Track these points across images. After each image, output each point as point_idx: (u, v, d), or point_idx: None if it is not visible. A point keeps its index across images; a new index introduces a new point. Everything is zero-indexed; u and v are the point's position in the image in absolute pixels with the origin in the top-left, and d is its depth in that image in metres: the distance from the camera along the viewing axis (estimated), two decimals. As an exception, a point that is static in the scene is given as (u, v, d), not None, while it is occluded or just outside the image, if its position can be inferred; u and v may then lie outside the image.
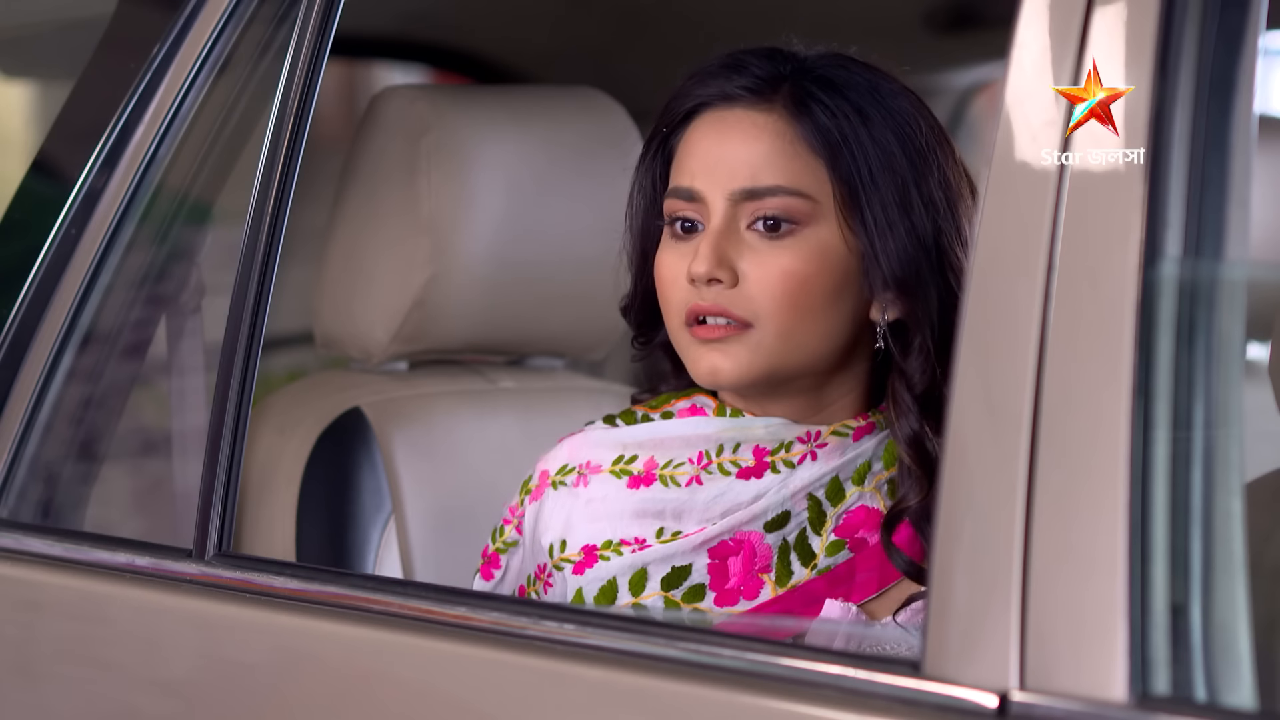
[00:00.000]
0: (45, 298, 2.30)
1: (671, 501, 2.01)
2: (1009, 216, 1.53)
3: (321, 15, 2.12)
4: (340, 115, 4.12)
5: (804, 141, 1.94)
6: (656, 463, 2.02)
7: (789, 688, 1.59)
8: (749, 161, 1.94)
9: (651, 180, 2.04)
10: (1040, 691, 1.46)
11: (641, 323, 2.08)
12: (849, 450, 2.00)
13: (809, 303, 1.93)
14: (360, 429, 2.44)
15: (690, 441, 2.02)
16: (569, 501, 2.05)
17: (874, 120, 1.95)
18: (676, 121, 2.00)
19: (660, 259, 1.98)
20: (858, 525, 1.99)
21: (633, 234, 2.06)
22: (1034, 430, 1.49)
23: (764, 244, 1.93)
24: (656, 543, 2.00)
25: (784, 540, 1.98)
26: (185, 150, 2.30)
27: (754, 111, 1.96)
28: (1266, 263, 2.34)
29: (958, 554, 1.52)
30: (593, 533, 2.02)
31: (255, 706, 1.96)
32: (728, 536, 1.98)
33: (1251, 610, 1.45)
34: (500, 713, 1.78)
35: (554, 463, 2.08)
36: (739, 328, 1.93)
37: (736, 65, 1.99)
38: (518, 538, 2.09)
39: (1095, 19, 1.53)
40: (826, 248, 1.94)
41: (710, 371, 1.94)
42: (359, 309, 2.48)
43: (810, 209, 1.93)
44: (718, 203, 1.94)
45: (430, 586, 2.04)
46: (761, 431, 2.00)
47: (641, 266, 2.06)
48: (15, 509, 2.28)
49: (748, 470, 1.99)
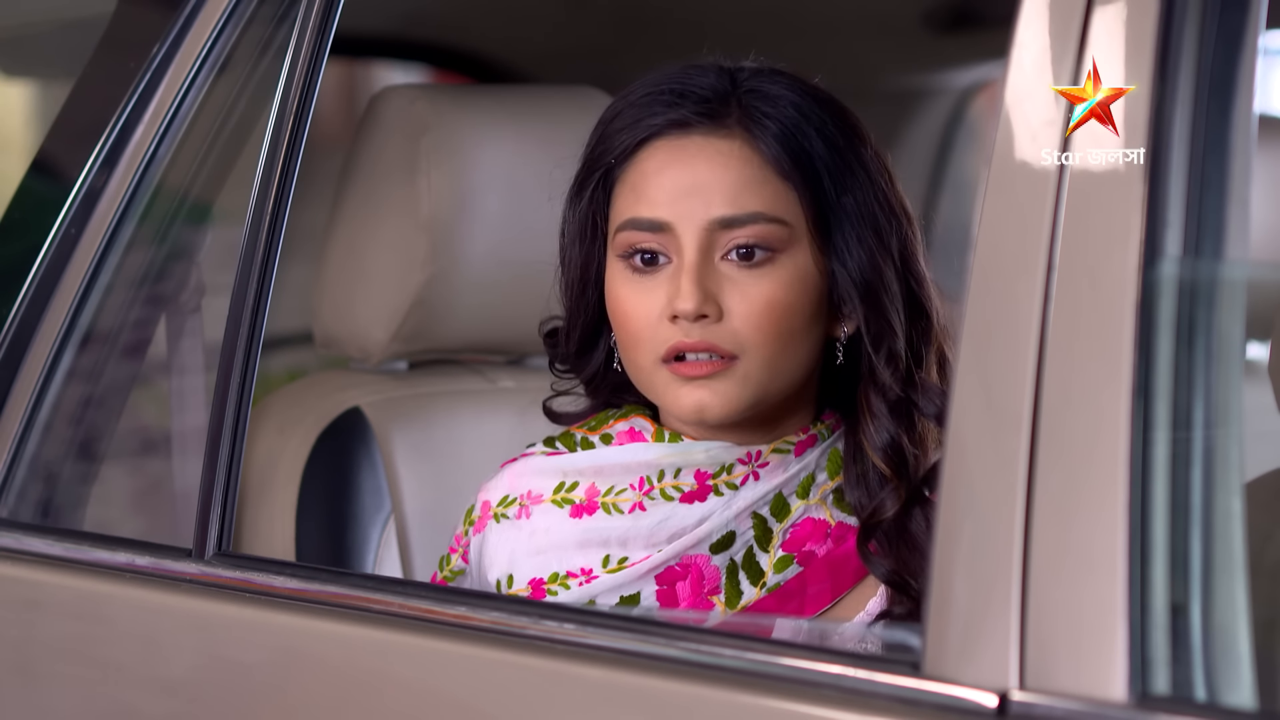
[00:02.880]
0: (45, 297, 2.30)
1: (616, 529, 1.97)
2: (1009, 216, 1.53)
3: (321, 15, 2.11)
4: (340, 115, 4.12)
5: (772, 165, 1.91)
6: (598, 490, 1.98)
7: (789, 688, 1.59)
8: (722, 190, 1.90)
9: (593, 212, 1.98)
10: (1040, 691, 1.46)
11: (576, 353, 2.03)
12: (791, 466, 1.97)
13: (791, 329, 1.91)
14: (360, 429, 2.44)
15: (630, 468, 1.98)
16: (512, 534, 2.01)
17: (826, 134, 1.93)
18: (625, 153, 1.95)
19: (620, 294, 1.93)
20: (805, 539, 1.97)
21: (570, 266, 2.01)
22: (1034, 430, 1.49)
23: (742, 274, 1.90)
24: (603, 572, 1.97)
25: (731, 560, 1.96)
26: (185, 150, 2.30)
27: (713, 138, 1.92)
28: (1266, 263, 2.34)
29: (958, 554, 1.52)
30: (538, 565, 1.99)
31: (255, 706, 1.96)
32: (674, 562, 1.96)
33: (1251, 610, 1.45)
34: (500, 713, 1.78)
35: (495, 493, 2.04)
36: (725, 362, 1.89)
37: (679, 90, 1.94)
38: (464, 566, 2.07)
39: (1095, 19, 1.53)
40: (803, 272, 1.91)
41: (697, 408, 1.90)
42: (358, 308, 2.48)
43: (786, 235, 1.91)
44: (690, 234, 1.90)
45: (430, 586, 2.04)
46: (702, 456, 1.96)
47: (580, 299, 2.00)
48: (15, 509, 2.28)
49: (690, 494, 1.96)
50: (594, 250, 1.99)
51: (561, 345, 2.05)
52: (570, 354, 2.04)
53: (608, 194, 1.97)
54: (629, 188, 1.95)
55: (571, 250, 2.01)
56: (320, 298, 2.51)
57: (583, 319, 2.01)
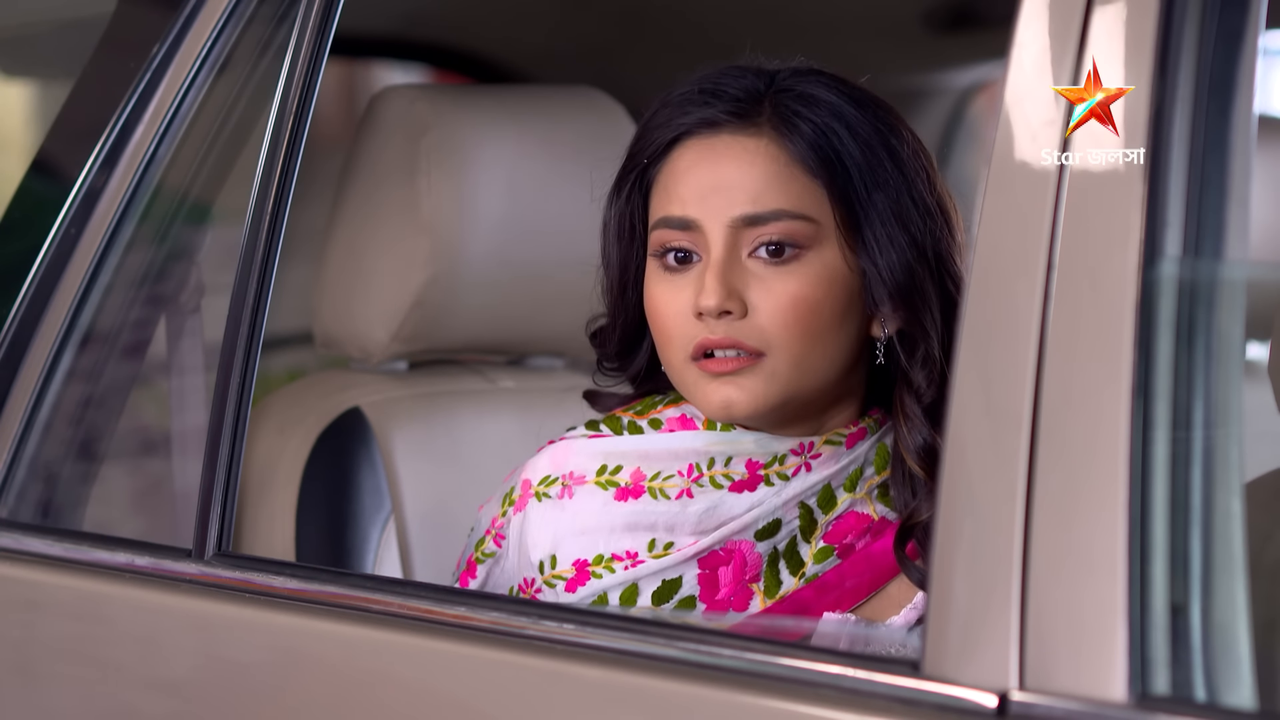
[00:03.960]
0: (45, 297, 2.30)
1: (663, 515, 1.98)
2: (1009, 216, 1.53)
3: (321, 15, 2.11)
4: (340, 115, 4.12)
5: (799, 163, 1.91)
6: (644, 474, 1.99)
7: (789, 688, 1.59)
8: (746, 187, 1.91)
9: (630, 212, 1.99)
10: (1040, 691, 1.46)
11: (619, 353, 2.05)
12: (842, 458, 1.98)
13: (819, 327, 1.91)
14: (360, 429, 2.44)
15: (679, 454, 1.99)
16: (554, 515, 2.01)
17: (860, 133, 1.93)
18: (658, 152, 1.97)
19: (653, 293, 1.95)
20: (846, 531, 1.98)
21: (610, 266, 2.03)
22: (1034, 430, 1.49)
23: (769, 271, 1.91)
24: (649, 557, 1.97)
25: (774, 548, 1.97)
26: (185, 150, 2.30)
27: (741, 136, 1.93)
28: (1266, 263, 2.34)
29: (958, 554, 1.52)
30: (582, 546, 1.99)
31: (255, 706, 1.96)
32: (719, 546, 1.97)
33: (1251, 610, 1.45)
34: (500, 713, 1.78)
35: (536, 472, 2.04)
36: (751, 358, 1.90)
37: (713, 90, 1.95)
38: (496, 550, 2.06)
39: (1095, 19, 1.53)
40: (831, 269, 1.92)
41: (724, 405, 1.91)
42: (359, 309, 2.48)
43: (813, 231, 1.91)
44: (717, 231, 1.91)
45: (430, 586, 2.04)
46: (752, 445, 1.97)
47: (620, 298, 2.02)
48: (15, 509, 2.28)
49: (740, 483, 1.97)
50: (633, 250, 2.00)
51: (610, 348, 2.06)
52: (613, 354, 2.05)
53: (644, 194, 1.99)
54: (661, 187, 1.96)
55: (611, 251, 2.02)
56: (320, 298, 2.51)
57: (623, 319, 2.02)
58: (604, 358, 2.08)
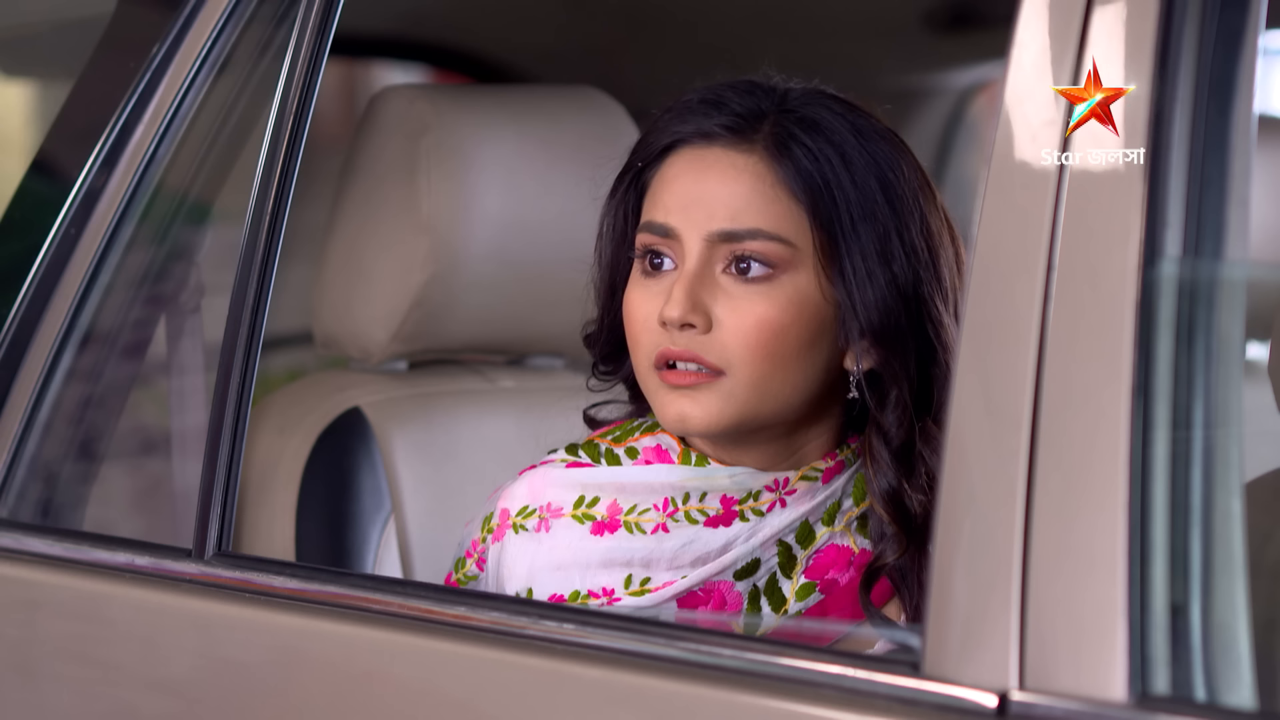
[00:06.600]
0: (45, 297, 2.30)
1: (639, 550, 1.96)
2: (1009, 216, 1.53)
3: (321, 15, 2.12)
4: (340, 115, 4.12)
5: (784, 185, 1.89)
6: (620, 508, 1.97)
7: (789, 688, 1.59)
8: (728, 203, 1.89)
9: (624, 213, 1.99)
10: (1040, 691, 1.46)
11: (606, 355, 2.04)
12: (819, 493, 1.96)
13: (783, 352, 1.89)
14: (360, 429, 2.44)
15: (655, 488, 1.97)
16: (531, 547, 1.99)
17: (856, 165, 1.90)
18: (653, 156, 1.96)
19: (630, 295, 1.94)
20: (828, 565, 1.96)
21: (601, 265, 2.02)
22: (1034, 430, 1.49)
23: (739, 288, 1.89)
24: (625, 594, 1.95)
25: (754, 586, 1.95)
26: (185, 150, 2.30)
27: (734, 151, 1.91)
28: (1266, 263, 2.34)
29: (958, 554, 1.52)
30: (558, 581, 1.97)
31: (255, 706, 1.96)
32: (697, 588, 1.95)
33: (1251, 610, 1.45)
34: (500, 713, 1.78)
35: (514, 502, 2.01)
36: (710, 375, 1.88)
37: (716, 102, 1.94)
38: (478, 573, 2.05)
39: (1095, 19, 1.53)
40: (803, 296, 1.89)
41: (678, 418, 1.90)
42: (358, 308, 2.48)
43: (789, 255, 1.89)
44: (694, 243, 1.90)
45: (430, 586, 2.03)
46: (727, 481, 1.95)
47: (609, 299, 2.01)
48: (15, 509, 2.28)
49: (715, 519, 1.95)
50: (622, 251, 1.99)
51: (596, 349, 2.05)
52: (601, 355, 2.05)
53: (639, 196, 1.98)
54: (652, 191, 1.96)
55: (605, 250, 2.02)
56: (320, 298, 2.51)
57: (610, 320, 2.02)
58: (596, 360, 2.07)
